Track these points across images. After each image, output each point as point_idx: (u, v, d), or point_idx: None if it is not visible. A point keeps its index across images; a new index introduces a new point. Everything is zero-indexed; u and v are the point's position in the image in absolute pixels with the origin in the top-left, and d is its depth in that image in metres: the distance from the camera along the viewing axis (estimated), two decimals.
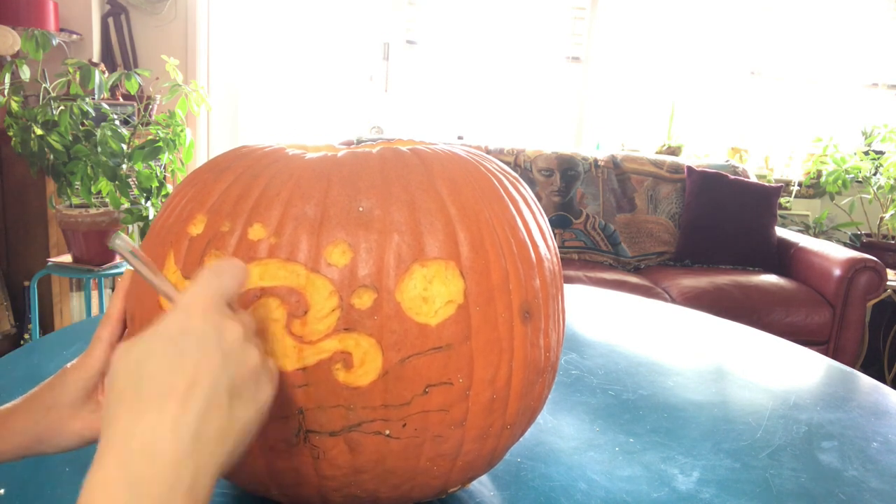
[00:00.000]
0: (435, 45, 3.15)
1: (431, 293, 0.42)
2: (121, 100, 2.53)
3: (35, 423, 0.46)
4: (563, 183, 2.72)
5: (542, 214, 0.53)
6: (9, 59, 2.12)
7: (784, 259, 2.64)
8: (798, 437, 0.70)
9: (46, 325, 2.34)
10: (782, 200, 3.19)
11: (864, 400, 0.82)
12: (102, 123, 1.81)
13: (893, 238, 2.91)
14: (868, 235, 3.00)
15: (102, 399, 0.48)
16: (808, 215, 3.31)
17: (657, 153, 3.14)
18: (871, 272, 2.30)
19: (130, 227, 1.96)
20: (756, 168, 3.30)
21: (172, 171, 1.96)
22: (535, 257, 0.48)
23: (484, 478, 0.58)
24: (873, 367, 2.80)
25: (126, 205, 1.87)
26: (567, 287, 1.24)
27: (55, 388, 0.47)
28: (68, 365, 0.48)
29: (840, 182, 2.90)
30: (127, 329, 0.49)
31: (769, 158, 3.33)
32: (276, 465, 0.44)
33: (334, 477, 0.44)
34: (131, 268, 0.40)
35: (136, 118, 2.16)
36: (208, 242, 0.43)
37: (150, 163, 1.87)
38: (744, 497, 0.58)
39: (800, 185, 3.28)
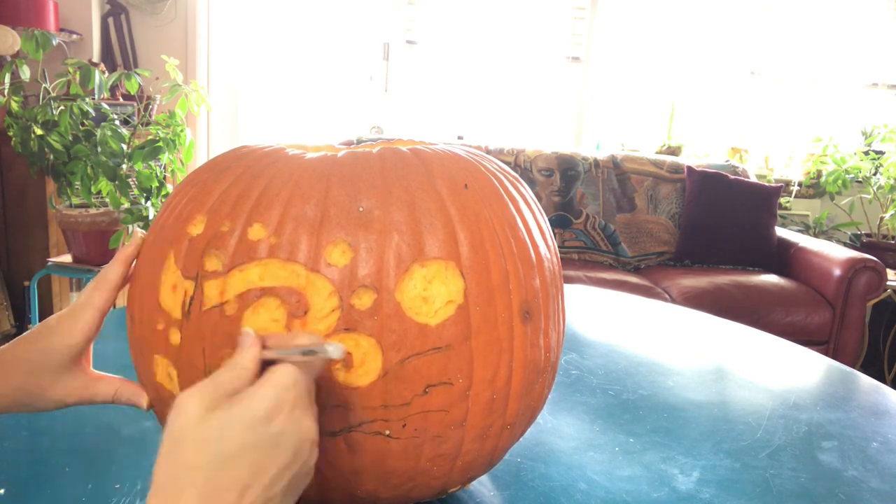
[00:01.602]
0: (435, 45, 3.15)
1: (431, 293, 0.42)
2: (121, 100, 2.53)
3: (16, 387, 0.45)
4: (563, 183, 2.72)
5: (542, 214, 0.53)
6: (9, 59, 2.12)
7: (784, 259, 2.64)
8: (798, 437, 0.70)
9: None
10: (782, 200, 3.19)
11: (864, 400, 0.82)
12: (102, 123, 1.81)
13: (893, 238, 2.91)
14: (868, 235, 3.00)
15: (89, 368, 0.48)
16: (808, 215, 3.31)
17: (657, 153, 3.14)
18: (871, 272, 2.30)
19: (130, 227, 1.96)
20: (756, 168, 3.30)
21: (172, 171, 1.96)
22: (535, 257, 0.48)
23: (484, 478, 0.58)
24: (873, 367, 2.80)
25: (126, 205, 1.87)
26: (567, 287, 1.23)
27: (38, 352, 0.45)
28: (52, 320, 0.46)
29: (840, 182, 2.90)
30: (127, 329, 0.48)
31: (769, 158, 3.33)
32: None
33: (334, 477, 0.44)
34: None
35: (136, 118, 2.16)
36: (208, 242, 0.43)
37: (150, 163, 1.87)
38: (744, 497, 0.58)
39: (800, 185, 3.28)
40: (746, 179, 2.76)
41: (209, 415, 0.33)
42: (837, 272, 2.32)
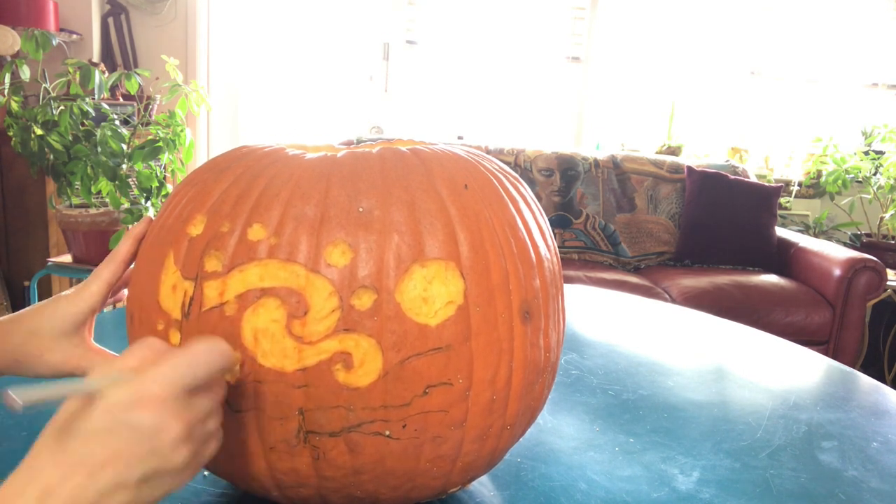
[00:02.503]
0: (435, 45, 3.15)
1: (431, 294, 0.42)
2: (121, 100, 2.53)
3: (15, 346, 0.46)
4: (563, 183, 2.72)
5: (542, 214, 0.53)
6: (9, 59, 2.12)
7: (784, 259, 2.64)
8: (798, 437, 0.70)
9: None
10: (782, 200, 3.19)
11: (864, 400, 0.82)
12: (102, 123, 1.81)
13: (893, 238, 2.91)
14: (868, 235, 3.00)
15: (90, 339, 0.49)
16: (808, 215, 3.31)
17: (657, 153, 3.14)
18: (871, 272, 2.30)
19: (130, 227, 1.96)
20: (756, 168, 3.30)
21: (172, 171, 1.95)
22: (535, 257, 0.48)
23: (484, 478, 0.58)
24: (873, 367, 2.80)
25: (126, 205, 1.87)
26: (567, 287, 1.23)
27: (43, 314, 0.47)
28: (63, 293, 0.48)
29: (840, 182, 2.90)
30: (127, 329, 0.48)
31: (769, 158, 3.33)
32: (276, 465, 0.44)
33: (334, 478, 0.44)
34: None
35: (136, 118, 2.16)
36: (208, 243, 0.43)
37: (150, 163, 1.87)
38: (744, 497, 0.58)
39: (800, 185, 3.28)
40: (746, 179, 2.76)
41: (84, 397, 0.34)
42: (837, 272, 2.32)
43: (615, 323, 1.12)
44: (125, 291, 0.51)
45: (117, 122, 1.87)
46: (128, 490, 0.34)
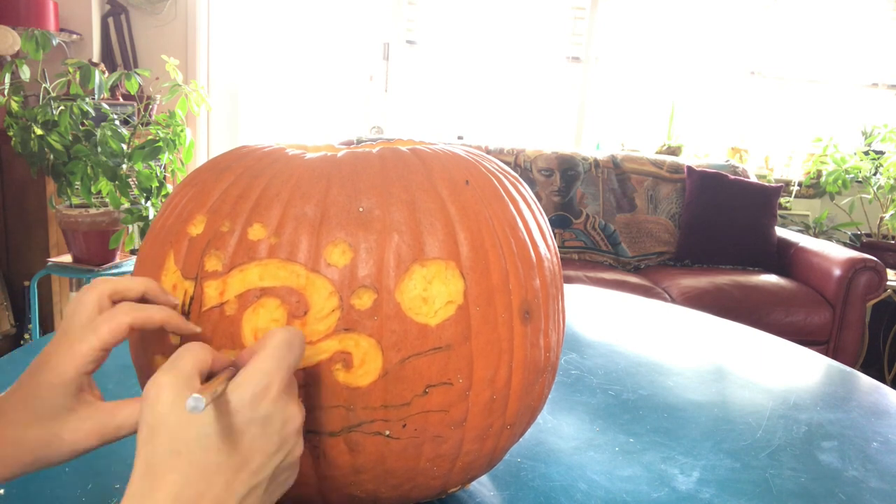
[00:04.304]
0: (435, 45, 3.15)
1: (431, 293, 0.42)
2: (121, 100, 2.53)
3: (17, 447, 0.38)
4: (563, 183, 2.72)
5: (542, 214, 0.53)
6: (9, 59, 2.12)
7: (784, 259, 2.64)
8: (798, 437, 0.70)
9: (46, 325, 2.34)
10: (782, 200, 3.19)
11: (864, 400, 0.82)
12: (102, 123, 1.81)
13: (893, 238, 2.91)
14: (868, 235, 3.00)
15: (100, 403, 0.40)
16: (808, 215, 3.31)
17: (657, 153, 3.14)
18: (871, 272, 2.30)
19: (130, 226, 1.96)
20: (756, 168, 3.30)
21: (172, 171, 1.96)
22: (535, 257, 0.48)
23: (484, 478, 0.58)
24: (873, 367, 2.80)
25: (126, 205, 1.87)
26: (567, 287, 1.23)
27: (28, 403, 0.38)
28: (50, 347, 0.38)
29: (840, 182, 2.90)
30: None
31: (769, 158, 3.33)
32: None
33: (334, 477, 0.44)
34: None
35: (136, 118, 2.16)
36: (208, 242, 0.43)
37: (150, 163, 1.87)
38: (744, 497, 0.58)
39: (800, 185, 3.28)
40: (746, 179, 2.76)
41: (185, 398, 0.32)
42: (837, 272, 2.32)
43: (615, 323, 1.12)
44: None
45: (117, 122, 1.87)
46: (259, 491, 0.33)
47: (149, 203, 1.91)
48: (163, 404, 0.31)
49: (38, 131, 1.76)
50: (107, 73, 2.42)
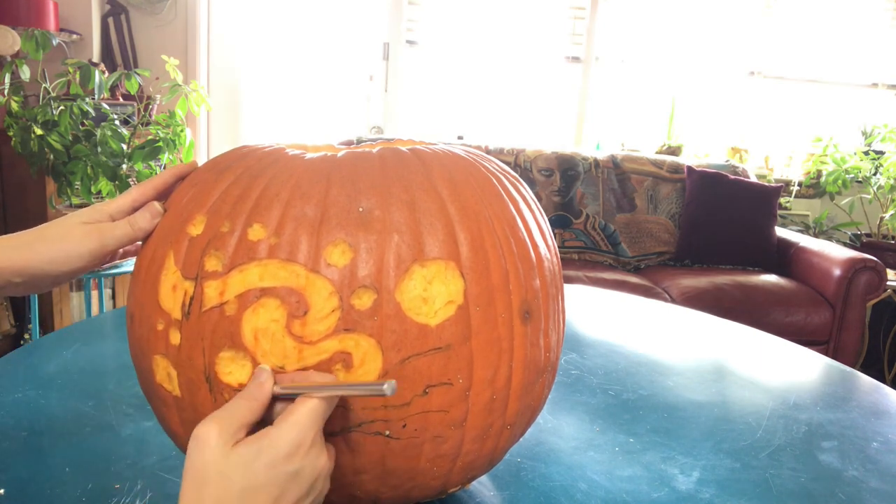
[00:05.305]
0: (435, 45, 3.15)
1: (431, 293, 0.42)
2: (121, 100, 2.53)
3: (18, 254, 0.45)
4: (563, 183, 2.72)
5: (542, 214, 0.53)
6: (9, 59, 2.12)
7: (784, 259, 2.64)
8: (798, 437, 0.70)
9: (46, 325, 2.34)
10: (782, 200, 3.19)
11: (864, 400, 0.82)
12: (102, 123, 1.81)
13: (893, 238, 2.91)
14: (868, 235, 3.00)
15: (105, 225, 0.48)
16: (808, 215, 3.31)
17: (657, 153, 3.14)
18: (871, 272, 2.30)
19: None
20: (756, 168, 3.30)
21: None
22: (535, 257, 0.48)
23: (484, 478, 0.58)
24: (873, 367, 2.80)
25: None
26: (567, 287, 1.23)
27: (49, 227, 0.47)
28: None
29: (840, 182, 2.90)
30: (127, 329, 0.48)
31: (769, 158, 3.33)
32: None
33: (334, 477, 0.44)
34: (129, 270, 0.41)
35: (136, 118, 2.16)
36: (208, 243, 0.43)
37: (150, 163, 1.87)
38: (744, 497, 0.58)
39: (800, 185, 3.28)
40: (746, 179, 2.76)
41: (232, 450, 0.35)
42: (837, 272, 2.32)
43: (615, 323, 1.12)
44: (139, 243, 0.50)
45: (117, 122, 1.87)
46: None
47: None
48: (210, 451, 0.35)
49: (38, 131, 1.76)
50: (107, 73, 2.42)
